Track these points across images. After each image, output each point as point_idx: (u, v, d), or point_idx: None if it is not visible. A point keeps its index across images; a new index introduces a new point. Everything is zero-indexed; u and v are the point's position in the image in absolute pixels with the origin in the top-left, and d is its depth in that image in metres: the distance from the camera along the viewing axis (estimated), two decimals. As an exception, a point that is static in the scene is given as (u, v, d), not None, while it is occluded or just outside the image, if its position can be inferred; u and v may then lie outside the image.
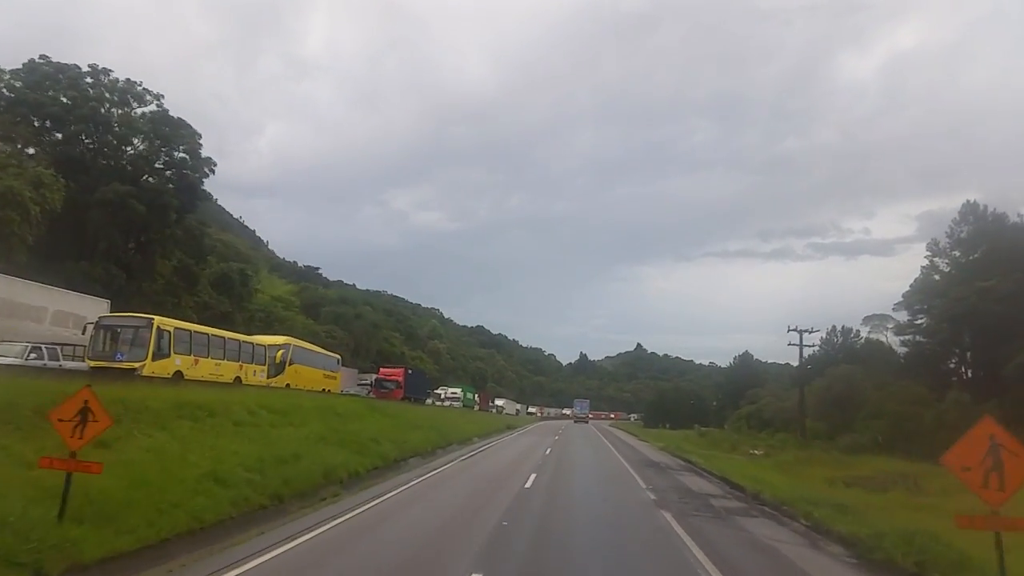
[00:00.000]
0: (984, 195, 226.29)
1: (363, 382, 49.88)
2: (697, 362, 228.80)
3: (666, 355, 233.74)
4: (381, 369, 51.04)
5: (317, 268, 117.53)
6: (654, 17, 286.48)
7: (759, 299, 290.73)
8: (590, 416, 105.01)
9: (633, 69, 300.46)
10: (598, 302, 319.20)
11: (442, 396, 72.77)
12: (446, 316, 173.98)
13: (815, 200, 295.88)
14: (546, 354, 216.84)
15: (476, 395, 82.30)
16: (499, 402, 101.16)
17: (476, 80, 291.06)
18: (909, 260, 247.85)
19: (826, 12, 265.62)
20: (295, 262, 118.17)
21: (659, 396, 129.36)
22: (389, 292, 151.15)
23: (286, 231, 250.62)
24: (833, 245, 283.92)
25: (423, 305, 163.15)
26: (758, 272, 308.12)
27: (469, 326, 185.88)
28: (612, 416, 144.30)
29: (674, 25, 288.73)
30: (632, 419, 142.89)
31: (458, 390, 74.44)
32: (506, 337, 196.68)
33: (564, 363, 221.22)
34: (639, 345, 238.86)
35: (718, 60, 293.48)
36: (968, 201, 48.61)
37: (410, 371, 51.11)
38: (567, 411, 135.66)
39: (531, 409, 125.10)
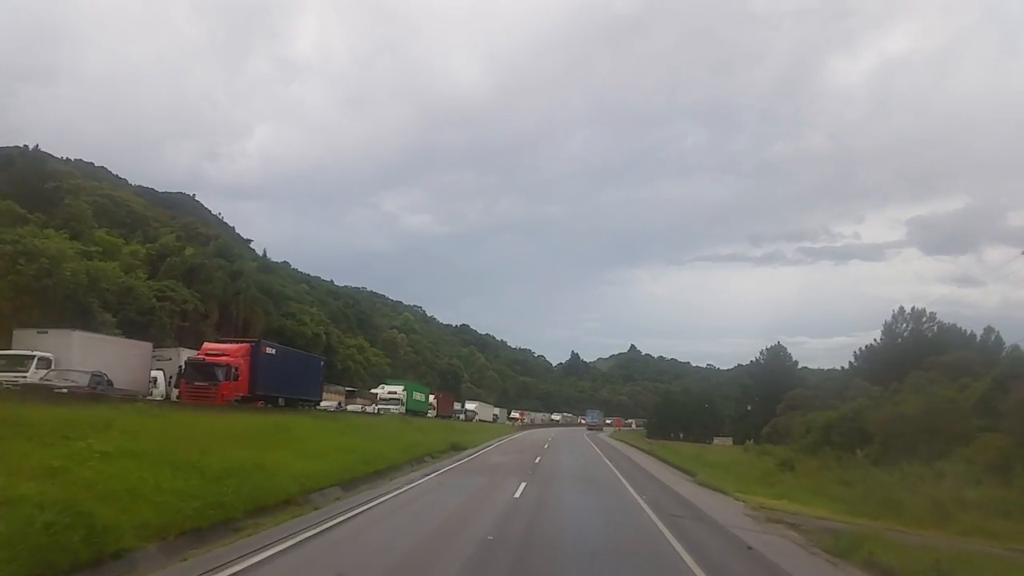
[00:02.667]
0: (974, 200, 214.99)
1: (164, 361, 27.76)
2: (694, 364, 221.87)
3: (661, 357, 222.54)
4: (205, 344, 28.31)
5: (249, 240, 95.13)
6: (645, 21, 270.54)
7: (750, 303, 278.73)
8: (603, 423, 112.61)
9: (624, 73, 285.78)
10: (589, 305, 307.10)
11: (379, 397, 52.18)
12: (429, 314, 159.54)
13: (805, 205, 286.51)
14: (535, 355, 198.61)
15: (430, 396, 60.17)
16: (470, 405, 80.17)
17: (467, 83, 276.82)
18: (899, 265, 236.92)
19: (816, 17, 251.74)
20: (234, 227, 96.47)
21: (665, 400, 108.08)
22: (369, 289, 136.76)
23: (275, 233, 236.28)
24: (823, 249, 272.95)
25: (404, 302, 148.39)
26: (749, 276, 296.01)
27: (454, 325, 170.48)
28: (611, 423, 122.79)
29: (665, 29, 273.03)
30: (633, 426, 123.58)
31: (398, 388, 52.33)
32: (493, 337, 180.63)
33: (554, 363, 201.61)
34: (633, 347, 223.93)
35: (708, 64, 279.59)
36: None
37: (269, 349, 28.00)
38: (557, 416, 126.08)
39: (513, 414, 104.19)
